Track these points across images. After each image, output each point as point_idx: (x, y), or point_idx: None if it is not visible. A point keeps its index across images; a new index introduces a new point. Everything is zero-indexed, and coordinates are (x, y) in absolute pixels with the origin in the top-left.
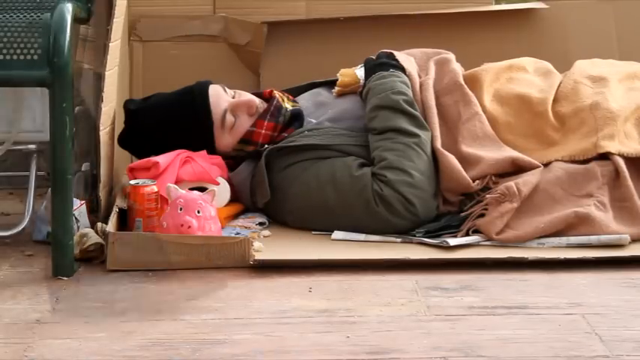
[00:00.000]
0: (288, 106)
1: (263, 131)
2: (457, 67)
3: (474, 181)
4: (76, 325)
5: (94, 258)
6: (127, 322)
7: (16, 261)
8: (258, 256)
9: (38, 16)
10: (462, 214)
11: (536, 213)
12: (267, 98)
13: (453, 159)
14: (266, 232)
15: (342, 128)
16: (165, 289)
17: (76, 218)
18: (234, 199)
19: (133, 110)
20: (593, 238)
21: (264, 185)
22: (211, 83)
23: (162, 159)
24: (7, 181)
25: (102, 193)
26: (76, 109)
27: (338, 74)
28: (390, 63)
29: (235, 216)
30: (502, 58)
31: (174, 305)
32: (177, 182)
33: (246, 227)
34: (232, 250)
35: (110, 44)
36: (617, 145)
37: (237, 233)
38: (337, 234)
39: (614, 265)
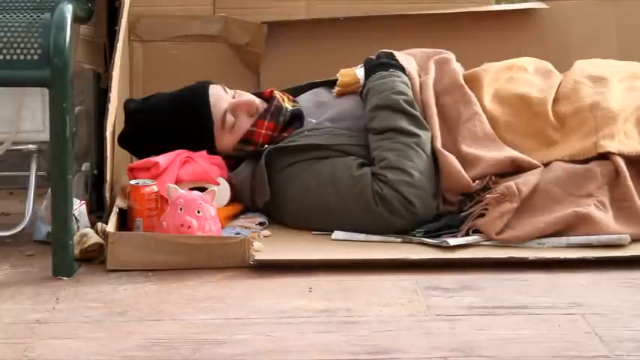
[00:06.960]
0: (288, 106)
1: (263, 131)
2: (457, 67)
3: (473, 181)
4: (76, 325)
5: (94, 258)
6: (127, 322)
7: (16, 261)
8: (258, 256)
9: (38, 16)
10: (462, 214)
11: (536, 213)
12: (268, 98)
13: (453, 159)
14: (266, 232)
15: (342, 128)
16: (165, 289)
17: (76, 218)
18: (234, 199)
19: (133, 110)
20: (593, 238)
21: (264, 185)
22: (211, 83)
23: (162, 159)
24: (7, 181)
25: (107, 194)
26: (76, 109)
27: (338, 74)
28: (389, 63)
29: (235, 216)
30: (502, 58)
31: (174, 305)
32: (177, 182)
33: (246, 227)
34: (232, 250)
35: (118, 44)
36: (617, 145)
37: (237, 233)
38: (337, 234)
39: (614, 265)
